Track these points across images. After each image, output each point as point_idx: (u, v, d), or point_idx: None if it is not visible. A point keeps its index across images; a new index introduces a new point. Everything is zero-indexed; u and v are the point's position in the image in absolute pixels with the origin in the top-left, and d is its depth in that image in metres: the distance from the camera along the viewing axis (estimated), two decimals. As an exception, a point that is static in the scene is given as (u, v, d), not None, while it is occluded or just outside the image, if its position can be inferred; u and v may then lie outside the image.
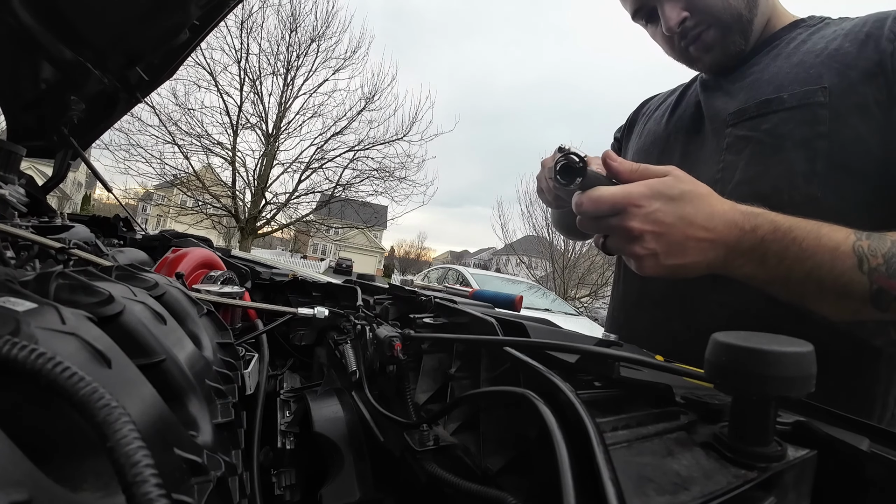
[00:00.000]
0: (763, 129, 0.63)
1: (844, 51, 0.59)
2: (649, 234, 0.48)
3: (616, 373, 0.36)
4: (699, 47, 0.71)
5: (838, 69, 0.59)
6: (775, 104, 0.62)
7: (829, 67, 0.59)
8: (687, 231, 0.48)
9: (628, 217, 0.48)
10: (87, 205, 26.58)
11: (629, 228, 0.48)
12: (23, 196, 0.64)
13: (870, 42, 0.58)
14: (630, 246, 0.50)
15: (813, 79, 0.60)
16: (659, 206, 0.48)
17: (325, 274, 1.43)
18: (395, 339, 0.52)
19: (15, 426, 0.16)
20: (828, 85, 0.58)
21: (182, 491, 0.23)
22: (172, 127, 9.44)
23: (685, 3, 0.68)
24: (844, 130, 0.57)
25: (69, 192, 25.74)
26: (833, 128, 0.58)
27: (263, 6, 9.66)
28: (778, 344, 0.25)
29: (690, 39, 0.71)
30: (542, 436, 0.26)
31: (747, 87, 0.68)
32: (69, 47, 0.89)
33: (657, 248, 0.49)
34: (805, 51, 0.64)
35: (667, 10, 0.69)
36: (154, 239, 1.20)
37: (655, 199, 0.48)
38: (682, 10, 0.68)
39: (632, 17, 0.77)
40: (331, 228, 13.23)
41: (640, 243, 0.49)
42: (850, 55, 0.58)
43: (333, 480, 0.53)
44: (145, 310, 0.34)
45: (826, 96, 0.58)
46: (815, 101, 0.59)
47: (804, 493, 0.28)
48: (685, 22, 0.69)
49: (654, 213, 0.48)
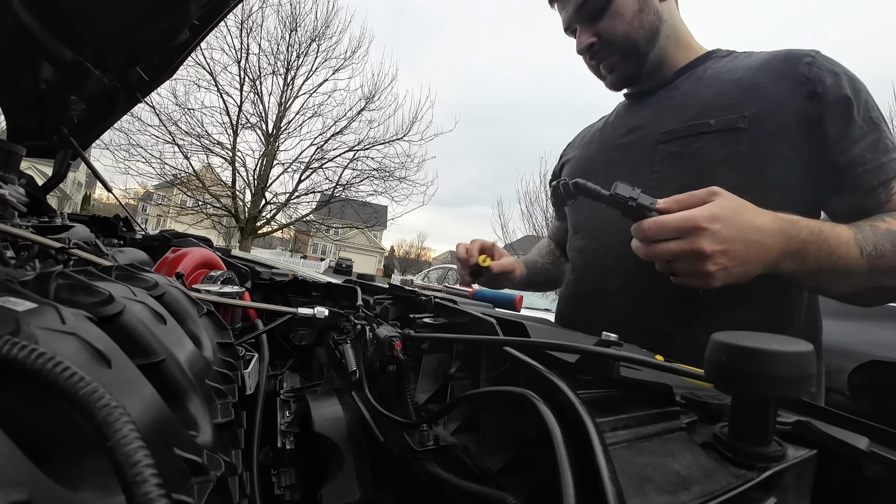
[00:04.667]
0: (694, 146, 0.75)
1: (760, 85, 0.71)
2: (719, 252, 0.55)
3: (616, 373, 0.36)
4: (605, 67, 0.88)
5: (754, 100, 0.71)
6: (703, 127, 0.74)
7: (747, 98, 0.71)
8: (747, 244, 0.56)
9: (697, 240, 0.55)
10: (87, 205, 26.58)
11: (700, 250, 0.55)
12: (23, 196, 0.64)
13: (783, 81, 0.70)
14: (701, 265, 0.56)
15: (734, 108, 0.72)
16: (720, 226, 0.55)
17: (325, 274, 1.43)
18: (395, 339, 0.52)
19: (15, 426, 0.16)
20: (747, 114, 0.70)
21: (182, 491, 0.23)
22: (172, 127, 9.45)
23: (594, 31, 0.84)
24: (762, 150, 0.69)
25: (69, 192, 25.73)
26: (752, 147, 0.70)
27: (263, 6, 9.67)
28: (778, 344, 0.25)
29: (599, 59, 0.87)
30: (542, 436, 0.25)
31: (674, 109, 0.81)
32: (69, 47, 0.89)
33: (726, 262, 0.56)
34: (723, 80, 0.77)
35: (580, 35, 0.86)
36: (154, 239, 1.20)
37: (716, 221, 0.55)
38: (591, 36, 0.84)
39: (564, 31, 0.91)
40: (331, 228, 13.23)
41: (712, 261, 0.55)
42: (765, 88, 0.71)
43: (333, 480, 0.53)
44: (145, 310, 0.34)
45: (745, 123, 0.70)
46: (737, 127, 0.71)
47: (804, 493, 0.28)
48: (593, 46, 0.85)
49: (719, 233, 0.55)
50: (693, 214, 0.55)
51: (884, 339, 1.51)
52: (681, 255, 0.57)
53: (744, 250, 0.56)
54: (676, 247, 0.56)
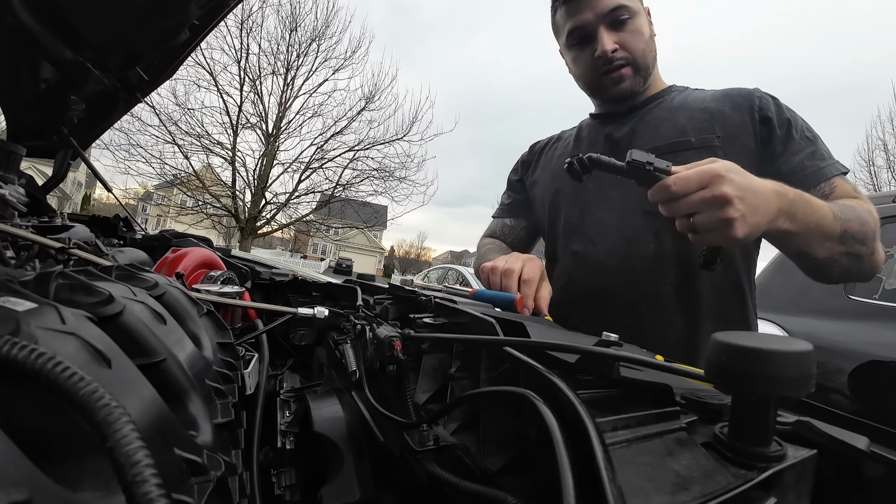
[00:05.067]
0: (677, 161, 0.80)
1: (724, 113, 0.88)
2: (738, 197, 0.59)
3: (616, 373, 0.36)
4: (614, 78, 0.93)
5: (722, 124, 0.87)
6: (685, 144, 0.88)
7: (716, 122, 0.88)
8: (756, 196, 0.61)
9: (720, 186, 0.59)
10: (87, 205, 26.57)
11: (724, 194, 0.58)
12: (23, 196, 0.64)
13: (742, 109, 0.87)
14: (724, 211, 0.59)
15: (707, 129, 0.88)
16: (734, 175, 0.60)
17: (325, 274, 1.43)
18: (395, 339, 0.51)
19: (15, 426, 0.16)
20: (720, 134, 0.86)
21: (182, 491, 0.23)
22: (172, 127, 9.45)
23: (617, 39, 0.90)
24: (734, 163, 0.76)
25: (69, 192, 25.73)
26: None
27: (263, 6, 9.68)
28: (778, 344, 0.25)
29: (612, 68, 0.92)
30: (542, 436, 0.25)
31: (653, 129, 0.93)
32: (69, 47, 0.89)
33: (745, 209, 0.59)
34: (690, 108, 0.92)
35: (604, 38, 0.90)
36: (154, 239, 1.20)
37: (730, 171, 0.60)
38: (614, 42, 0.90)
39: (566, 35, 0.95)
40: (331, 228, 13.23)
41: (733, 206, 0.59)
42: (727, 115, 0.88)
43: (333, 480, 0.53)
44: (145, 310, 0.34)
45: (720, 142, 0.86)
46: (713, 145, 0.86)
47: (804, 493, 0.28)
48: (615, 52, 0.90)
49: (736, 180, 0.59)
50: (712, 166, 0.60)
51: (884, 339, 1.51)
52: (704, 204, 0.60)
53: (755, 201, 0.60)
54: (699, 197, 0.60)
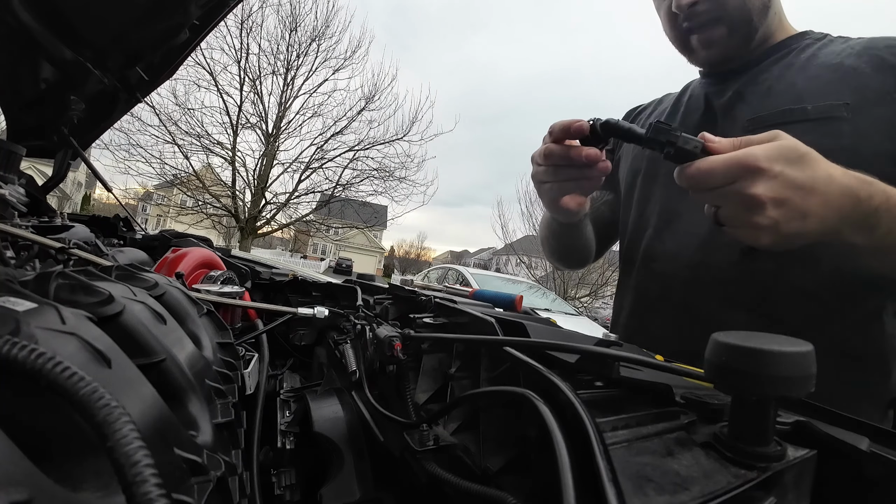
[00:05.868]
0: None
1: (861, 70, 0.62)
2: (774, 200, 0.44)
3: (616, 373, 0.36)
4: (702, 41, 0.72)
5: (856, 87, 0.61)
6: (798, 114, 0.64)
7: (847, 84, 0.62)
8: (809, 196, 0.45)
9: (752, 183, 0.44)
10: (87, 205, 26.56)
11: (752, 196, 0.44)
12: (23, 196, 0.64)
13: (889, 71, 0.61)
14: (749, 216, 0.45)
15: (833, 94, 0.62)
16: (782, 168, 0.44)
17: (325, 274, 1.43)
18: (395, 339, 0.52)
19: (15, 426, 0.16)
20: (850, 101, 0.61)
21: (182, 491, 0.23)
22: (172, 127, 9.44)
23: None
24: (865, 146, 0.59)
25: (69, 192, 25.72)
26: (855, 142, 0.59)
27: (263, 6, 9.66)
28: (778, 344, 0.25)
29: (695, 25, 0.71)
30: (542, 436, 0.25)
31: (763, 93, 0.69)
32: (69, 47, 0.89)
33: (780, 216, 0.45)
34: (818, 65, 0.66)
35: None
36: (154, 239, 1.20)
37: (778, 162, 0.44)
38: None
39: None
40: (331, 228, 13.22)
41: (762, 212, 0.45)
42: (867, 75, 0.61)
43: (333, 480, 0.53)
44: (145, 310, 0.34)
45: (848, 112, 0.60)
46: (838, 116, 0.61)
47: (804, 493, 0.28)
48: (696, 5, 0.68)
49: (779, 177, 0.44)
50: (752, 152, 0.44)
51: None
52: (729, 201, 0.47)
53: (802, 205, 0.45)
54: (724, 193, 0.46)
